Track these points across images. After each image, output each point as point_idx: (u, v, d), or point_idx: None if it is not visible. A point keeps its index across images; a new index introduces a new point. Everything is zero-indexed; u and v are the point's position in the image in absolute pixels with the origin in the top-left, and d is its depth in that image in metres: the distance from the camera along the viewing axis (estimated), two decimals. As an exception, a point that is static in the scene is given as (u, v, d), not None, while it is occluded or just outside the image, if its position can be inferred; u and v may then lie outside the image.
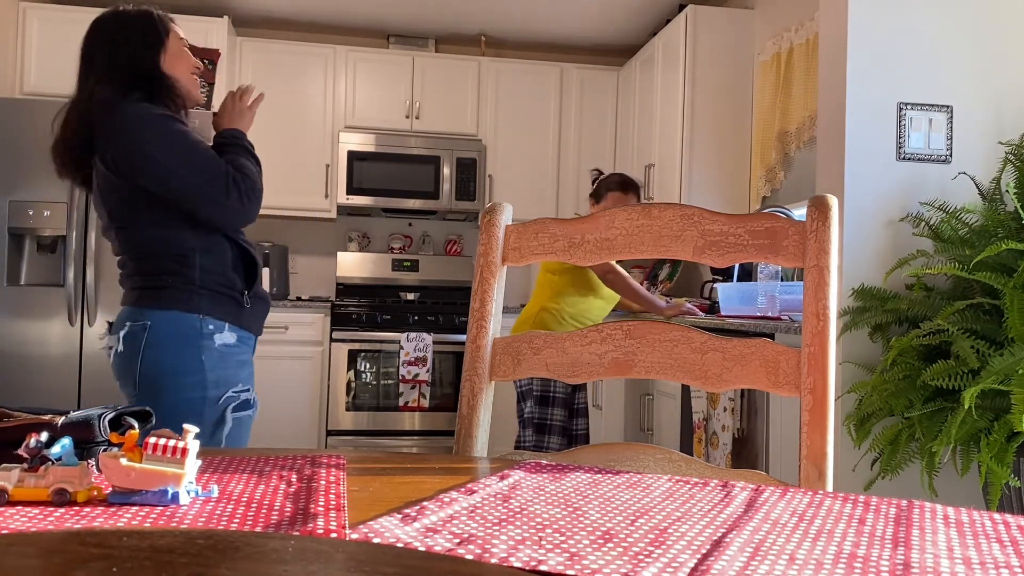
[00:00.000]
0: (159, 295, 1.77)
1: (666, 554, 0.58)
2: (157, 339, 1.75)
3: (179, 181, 1.73)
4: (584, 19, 4.92)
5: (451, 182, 4.96)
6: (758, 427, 2.75)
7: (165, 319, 1.76)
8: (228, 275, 1.84)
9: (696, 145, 4.20)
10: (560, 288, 3.26)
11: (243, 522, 0.64)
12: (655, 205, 1.16)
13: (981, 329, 2.10)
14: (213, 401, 1.78)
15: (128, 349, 1.76)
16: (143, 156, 1.72)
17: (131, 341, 1.76)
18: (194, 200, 1.75)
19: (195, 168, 1.75)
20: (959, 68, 2.57)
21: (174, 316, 1.77)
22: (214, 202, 1.75)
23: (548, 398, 3.24)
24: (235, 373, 1.83)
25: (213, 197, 1.75)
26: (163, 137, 1.74)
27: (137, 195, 1.76)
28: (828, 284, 1.02)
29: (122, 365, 1.78)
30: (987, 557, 0.60)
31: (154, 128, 1.75)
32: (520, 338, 1.19)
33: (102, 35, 1.82)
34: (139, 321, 1.76)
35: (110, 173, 1.75)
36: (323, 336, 4.61)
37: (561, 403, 3.24)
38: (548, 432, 3.23)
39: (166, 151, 1.73)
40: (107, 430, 0.79)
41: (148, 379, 1.75)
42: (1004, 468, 1.92)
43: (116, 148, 1.73)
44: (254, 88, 1.99)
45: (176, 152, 1.74)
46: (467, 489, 0.76)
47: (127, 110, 1.74)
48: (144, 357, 1.74)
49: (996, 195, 2.40)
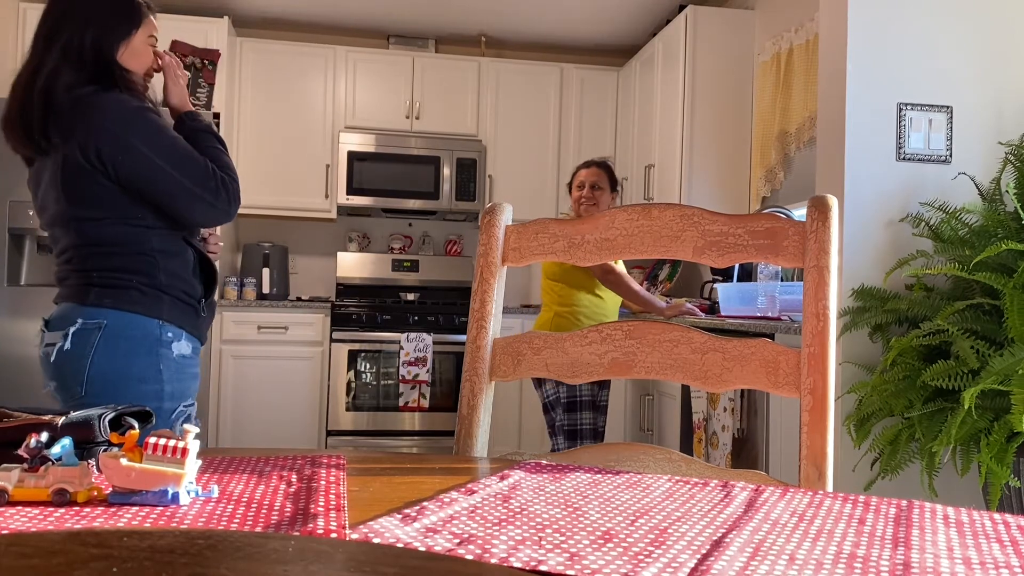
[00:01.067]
0: (119, 295, 1.68)
1: (666, 554, 0.58)
2: (112, 341, 1.66)
3: (168, 182, 1.68)
4: (584, 19, 4.92)
5: (451, 182, 4.96)
6: (758, 427, 2.75)
7: (124, 321, 1.68)
8: (190, 280, 1.78)
9: (696, 145, 4.20)
10: (564, 292, 3.27)
11: (243, 522, 0.64)
12: (655, 205, 1.16)
13: (981, 329, 2.10)
14: (168, 413, 1.71)
15: (76, 348, 1.65)
16: (134, 153, 1.66)
17: (81, 339, 1.65)
18: (182, 200, 1.70)
19: (184, 168, 1.69)
20: (959, 68, 2.57)
21: (134, 319, 1.68)
22: (204, 203, 1.71)
23: (576, 403, 3.25)
24: (188, 386, 1.77)
25: (203, 198, 1.70)
26: (150, 134, 1.69)
27: (107, 188, 1.68)
28: (828, 284, 1.02)
29: (66, 364, 1.66)
30: (987, 557, 0.60)
31: (140, 123, 1.69)
32: (520, 338, 1.19)
33: (71, 11, 1.72)
34: (94, 320, 1.66)
35: (85, 163, 1.66)
36: (323, 336, 4.62)
37: (588, 406, 3.25)
38: (579, 437, 3.25)
39: (155, 149, 1.68)
40: (107, 430, 0.79)
41: (99, 381, 1.65)
42: (1004, 468, 1.92)
43: (101, 141, 1.65)
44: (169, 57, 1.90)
45: (164, 151, 1.69)
46: (467, 489, 0.76)
47: (107, 101, 1.67)
48: (95, 359, 1.64)
49: (996, 195, 2.40)
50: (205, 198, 1.71)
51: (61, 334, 1.68)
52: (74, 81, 1.67)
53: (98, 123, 1.66)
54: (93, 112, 1.67)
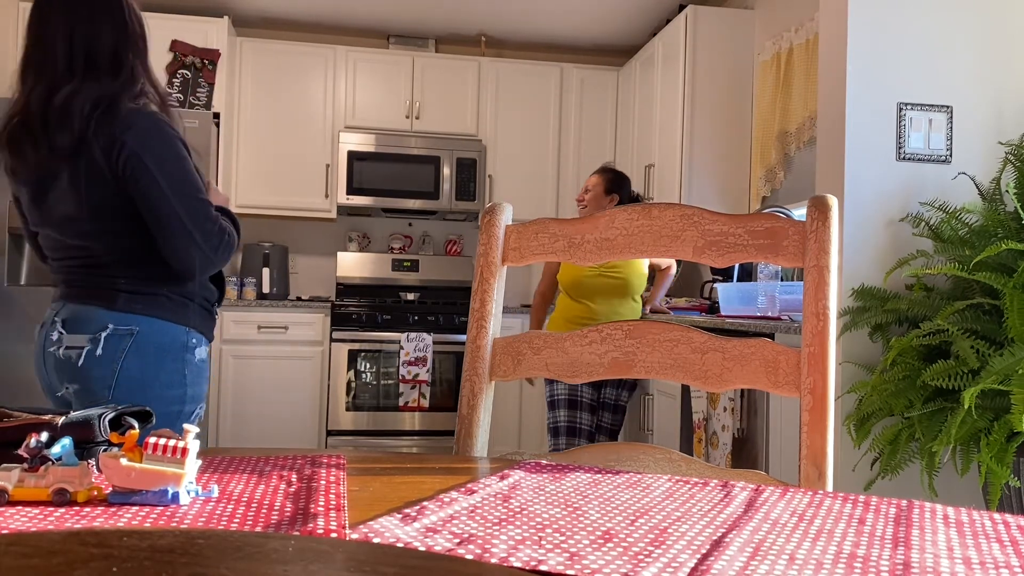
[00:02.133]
0: (149, 301, 1.70)
1: (666, 554, 0.58)
2: (143, 347, 1.67)
3: (164, 206, 1.64)
4: (584, 19, 4.92)
5: (451, 182, 4.96)
6: (758, 427, 2.75)
7: (155, 328, 1.69)
8: (208, 286, 1.80)
9: (696, 145, 4.20)
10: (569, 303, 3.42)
11: (243, 522, 0.64)
12: (655, 205, 1.16)
13: (981, 329, 2.10)
14: (187, 416, 1.74)
15: (107, 353, 1.66)
16: (152, 171, 1.63)
17: (113, 345, 1.66)
18: (172, 244, 1.65)
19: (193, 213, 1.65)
20: (959, 68, 2.57)
21: (164, 326, 1.70)
22: (192, 242, 1.65)
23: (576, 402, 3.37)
24: (203, 389, 1.79)
25: (192, 237, 1.65)
26: (175, 160, 1.67)
27: (125, 199, 1.66)
28: (828, 284, 1.02)
29: (95, 368, 1.66)
30: (987, 557, 0.60)
31: (168, 146, 1.67)
32: (520, 338, 1.19)
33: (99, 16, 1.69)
34: (126, 326, 1.67)
35: (104, 168, 1.63)
36: (323, 336, 4.61)
37: (587, 408, 3.40)
38: (578, 435, 3.37)
39: (171, 177, 1.65)
40: (107, 430, 0.79)
41: (126, 386, 1.67)
42: (1004, 468, 1.92)
43: (129, 151, 1.62)
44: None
45: (179, 188, 1.65)
46: (467, 489, 0.76)
47: (148, 116, 1.66)
48: (125, 364, 1.66)
49: (996, 195, 2.40)
50: (195, 237, 1.65)
51: (88, 338, 1.67)
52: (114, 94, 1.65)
53: (129, 133, 1.63)
54: (126, 121, 1.64)
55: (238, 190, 4.84)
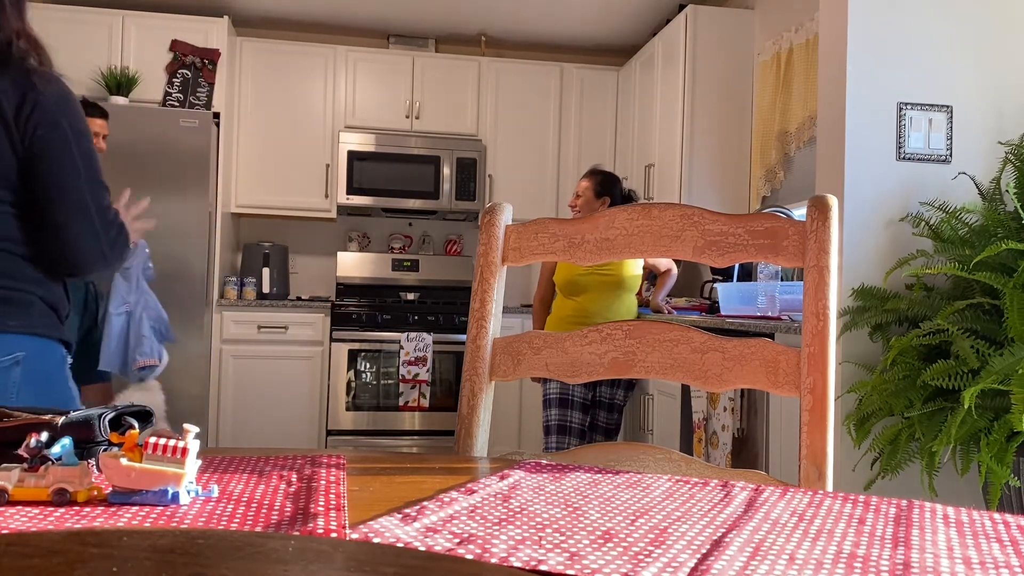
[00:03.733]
0: (27, 313, 1.35)
1: (666, 554, 0.58)
2: (32, 379, 1.32)
3: (76, 191, 1.37)
4: (584, 19, 4.92)
5: (451, 182, 4.96)
6: (758, 427, 2.75)
7: (38, 350, 1.35)
8: (66, 287, 1.47)
9: (696, 145, 4.21)
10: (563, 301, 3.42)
11: (243, 522, 0.64)
12: (655, 205, 1.16)
13: (981, 329, 2.10)
14: None
15: None
16: (70, 151, 1.37)
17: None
18: (74, 220, 1.37)
19: (98, 198, 1.40)
20: (959, 68, 2.57)
21: (46, 345, 1.37)
22: (94, 234, 1.39)
23: (568, 400, 3.37)
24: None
25: (94, 227, 1.39)
26: (89, 137, 1.42)
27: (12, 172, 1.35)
28: (828, 284, 1.02)
29: None
30: (987, 557, 0.60)
31: (83, 120, 1.41)
32: (520, 338, 1.19)
33: None
34: (8, 353, 1.30)
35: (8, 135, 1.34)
36: (323, 336, 4.61)
37: (579, 407, 3.38)
38: (569, 433, 3.36)
39: (87, 155, 1.40)
40: (107, 430, 0.79)
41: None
42: (1004, 468, 1.92)
43: (48, 115, 1.35)
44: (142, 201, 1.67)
45: (87, 158, 1.40)
46: (467, 489, 0.76)
47: (60, 80, 1.39)
48: (20, 401, 1.29)
49: (996, 195, 2.40)
50: (96, 225, 1.39)
51: None
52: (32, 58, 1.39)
53: (49, 101, 1.37)
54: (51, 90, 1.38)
55: (238, 190, 4.84)
